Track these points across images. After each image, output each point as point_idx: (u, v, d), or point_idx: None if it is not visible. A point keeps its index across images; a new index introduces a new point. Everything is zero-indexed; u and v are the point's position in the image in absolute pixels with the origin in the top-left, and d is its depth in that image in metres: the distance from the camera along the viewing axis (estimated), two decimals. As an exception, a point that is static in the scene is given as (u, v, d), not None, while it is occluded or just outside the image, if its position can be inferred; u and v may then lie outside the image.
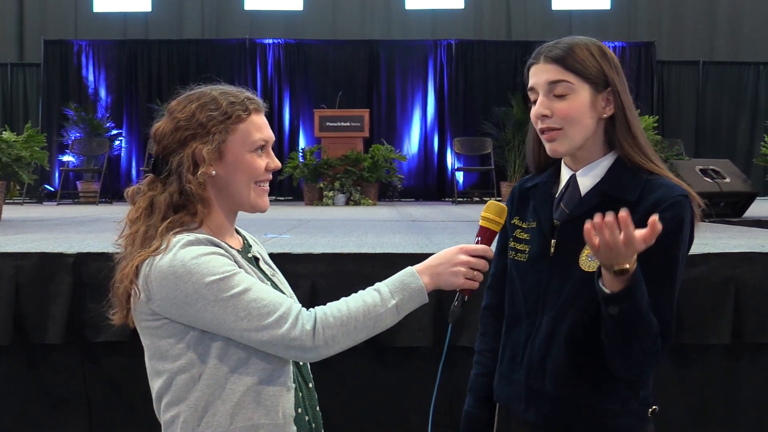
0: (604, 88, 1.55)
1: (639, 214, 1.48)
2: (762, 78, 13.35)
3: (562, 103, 1.55)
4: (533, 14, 13.26)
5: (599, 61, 1.55)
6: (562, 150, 1.58)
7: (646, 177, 1.54)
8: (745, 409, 3.18)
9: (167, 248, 1.52)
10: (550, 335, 1.55)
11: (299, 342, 1.50)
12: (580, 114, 1.54)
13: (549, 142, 1.58)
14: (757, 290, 3.08)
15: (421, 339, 2.97)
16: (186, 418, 1.54)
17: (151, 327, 1.56)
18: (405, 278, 1.57)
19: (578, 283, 1.51)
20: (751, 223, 5.94)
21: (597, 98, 1.55)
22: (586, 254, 1.52)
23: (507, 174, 12.09)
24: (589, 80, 1.54)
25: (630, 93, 1.59)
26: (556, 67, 1.55)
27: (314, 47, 12.99)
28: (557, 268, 1.56)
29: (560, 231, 1.58)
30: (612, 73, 1.55)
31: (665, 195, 1.50)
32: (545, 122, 1.56)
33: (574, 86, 1.54)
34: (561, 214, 1.59)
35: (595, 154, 1.58)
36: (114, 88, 12.88)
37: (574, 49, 1.55)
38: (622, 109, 1.55)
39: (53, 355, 3.14)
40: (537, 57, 1.58)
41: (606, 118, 1.56)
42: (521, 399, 1.61)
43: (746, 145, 13.02)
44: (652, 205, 1.49)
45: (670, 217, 1.46)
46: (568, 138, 1.56)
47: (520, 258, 1.64)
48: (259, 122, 1.63)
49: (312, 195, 10.46)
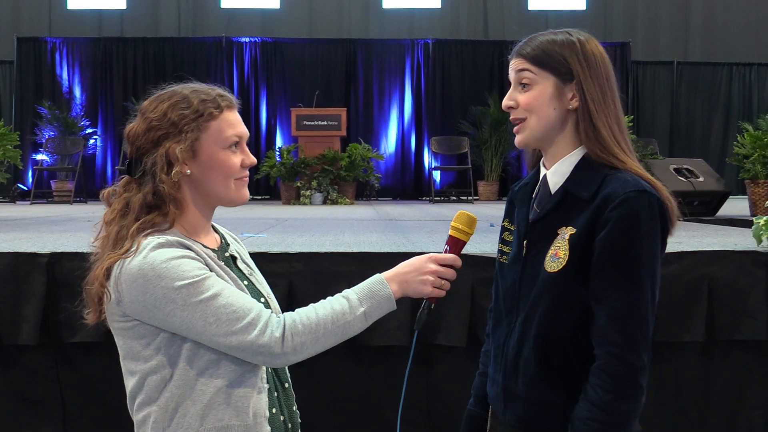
0: (570, 80, 1.54)
1: (590, 213, 1.47)
2: (735, 78, 13.52)
3: (524, 94, 1.56)
4: (510, 14, 13.33)
5: (564, 54, 1.54)
6: (523, 140, 1.58)
7: (606, 172, 1.50)
8: (718, 406, 3.22)
9: (137, 250, 1.51)
10: (522, 336, 1.55)
11: (267, 348, 1.50)
12: (540, 103, 1.54)
13: (516, 134, 1.59)
14: (730, 288, 3.12)
15: (398, 338, 2.97)
16: (157, 418, 1.54)
17: (123, 328, 1.56)
18: (373, 286, 1.58)
19: (544, 285, 1.51)
20: (724, 221, 6.01)
21: (563, 90, 1.54)
22: (549, 254, 1.51)
23: (484, 173, 12.15)
24: (553, 71, 1.54)
25: (615, 87, 1.56)
26: (522, 60, 1.57)
27: (291, 46, 12.96)
28: (528, 268, 1.56)
29: (530, 231, 1.58)
30: (578, 66, 1.53)
31: (615, 191, 1.45)
32: (513, 113, 1.58)
33: (536, 77, 1.54)
34: (533, 214, 1.60)
35: (564, 149, 1.57)
36: (89, 87, 12.77)
37: (541, 42, 1.56)
38: (585, 102, 1.53)
39: (27, 356, 3.10)
40: (512, 53, 1.61)
41: (573, 110, 1.54)
42: (500, 400, 1.62)
43: (719, 144, 13.19)
44: (601, 202, 1.46)
45: (618, 215, 1.43)
46: (530, 127, 1.56)
47: (503, 260, 1.65)
48: (232, 119, 1.62)
49: (289, 194, 10.43)
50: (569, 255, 1.48)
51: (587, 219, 1.48)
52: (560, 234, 1.51)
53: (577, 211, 1.50)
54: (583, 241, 1.47)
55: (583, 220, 1.48)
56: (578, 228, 1.48)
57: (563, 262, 1.48)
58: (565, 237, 1.49)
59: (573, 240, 1.48)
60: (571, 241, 1.48)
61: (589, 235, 1.47)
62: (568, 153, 1.56)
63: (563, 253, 1.49)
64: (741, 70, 13.53)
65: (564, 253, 1.48)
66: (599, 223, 1.46)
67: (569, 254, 1.48)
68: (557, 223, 1.53)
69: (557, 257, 1.49)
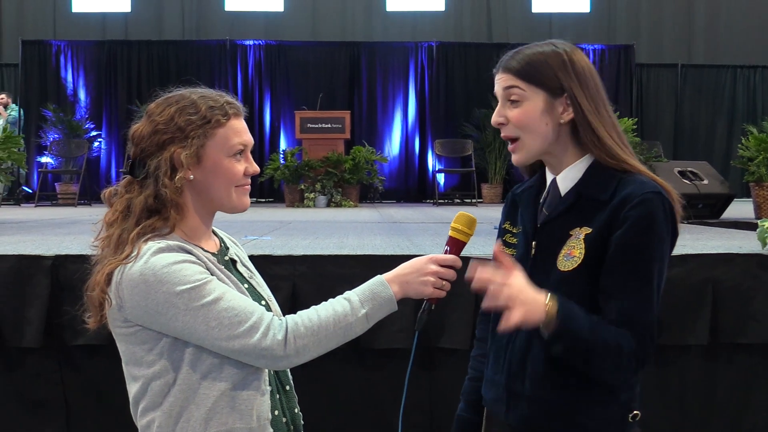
0: (560, 93, 1.54)
1: (608, 212, 1.49)
2: (739, 81, 13.50)
3: (514, 110, 1.56)
4: (514, 17, 13.33)
5: (553, 67, 1.54)
6: (522, 160, 1.60)
7: (620, 175, 1.53)
8: (722, 409, 3.21)
9: (138, 255, 1.51)
10: (530, 337, 1.56)
11: (270, 351, 1.50)
12: (532, 120, 1.55)
13: (512, 153, 1.60)
14: (735, 291, 3.11)
15: (400, 341, 2.97)
16: (161, 423, 1.54)
17: (125, 334, 1.56)
18: (375, 287, 1.58)
19: (555, 284, 1.52)
20: (729, 224, 5.99)
21: (553, 104, 1.55)
22: (563, 254, 1.53)
23: (488, 176, 12.13)
24: (542, 86, 1.54)
25: (604, 95, 1.58)
26: (510, 75, 1.56)
27: (295, 48, 12.96)
28: (537, 269, 1.57)
29: (540, 232, 1.59)
30: (568, 79, 1.54)
31: (633, 192, 1.48)
32: (503, 130, 1.59)
33: (526, 93, 1.54)
34: (542, 217, 1.61)
35: (569, 158, 1.58)
36: (93, 89, 12.77)
37: (528, 56, 1.56)
38: (582, 113, 1.53)
39: (30, 358, 3.10)
40: (497, 67, 1.61)
41: (567, 123, 1.55)
42: (502, 402, 1.62)
43: (724, 147, 13.16)
44: (620, 202, 1.49)
45: (637, 215, 1.46)
46: (526, 147, 1.57)
47: None
48: (239, 127, 1.62)
49: (293, 197, 10.43)
50: (585, 253, 1.50)
51: (605, 219, 1.50)
52: (574, 234, 1.53)
53: (592, 212, 1.52)
54: (600, 240, 1.49)
55: (601, 220, 1.50)
56: (595, 228, 1.51)
57: (578, 261, 1.50)
58: (580, 237, 1.51)
59: (589, 239, 1.50)
60: (587, 240, 1.50)
61: (605, 234, 1.49)
62: (574, 161, 1.58)
63: (578, 252, 1.51)
64: (745, 72, 13.51)
65: (579, 252, 1.50)
66: (616, 222, 1.48)
67: (585, 253, 1.50)
68: (569, 224, 1.54)
69: (572, 256, 1.51)
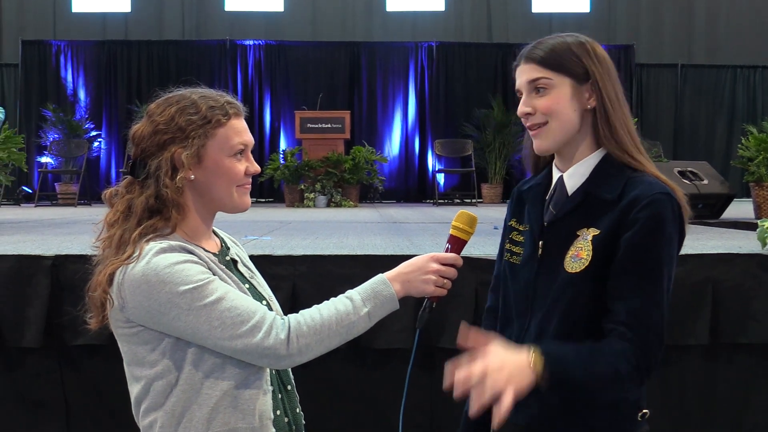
0: (586, 80, 1.54)
1: (617, 214, 1.48)
2: (739, 81, 13.50)
3: (542, 99, 1.55)
4: (514, 17, 13.32)
5: (578, 54, 1.54)
6: (545, 145, 1.57)
7: (630, 174, 1.52)
8: (722, 409, 3.21)
9: (140, 256, 1.51)
10: (539, 336, 1.55)
11: (273, 351, 1.50)
12: (561, 106, 1.54)
13: (534, 138, 1.58)
14: (735, 291, 3.11)
15: (401, 341, 2.97)
16: (163, 423, 1.54)
17: (127, 334, 1.56)
18: (376, 286, 1.59)
19: (563, 285, 1.51)
20: (729, 224, 5.99)
21: (580, 90, 1.55)
22: (570, 255, 1.52)
23: (488, 176, 12.13)
24: (569, 73, 1.54)
25: (621, 88, 1.58)
26: (535, 66, 1.56)
27: (295, 48, 12.96)
28: (544, 269, 1.56)
29: (547, 232, 1.58)
30: (593, 66, 1.54)
31: (642, 194, 1.47)
32: (530, 120, 1.57)
33: (553, 81, 1.54)
34: (549, 216, 1.59)
35: (582, 151, 1.57)
36: (93, 89, 12.77)
37: (552, 45, 1.56)
38: (602, 101, 1.54)
39: (30, 358, 3.10)
40: (519, 59, 1.60)
41: (590, 110, 1.55)
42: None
43: (724, 147, 13.16)
44: (628, 204, 1.48)
45: (646, 216, 1.45)
46: (552, 132, 1.55)
47: (514, 260, 1.64)
48: (239, 126, 1.62)
49: (293, 197, 10.43)
50: (593, 255, 1.49)
51: (613, 220, 1.49)
52: (581, 235, 1.52)
53: (599, 213, 1.51)
54: (607, 242, 1.48)
55: (609, 221, 1.49)
56: (602, 229, 1.49)
57: (586, 263, 1.49)
58: (587, 238, 1.50)
59: (597, 241, 1.49)
60: (594, 242, 1.49)
61: (613, 235, 1.48)
62: (585, 156, 1.57)
63: (586, 254, 1.49)
64: (745, 72, 13.50)
65: (587, 254, 1.49)
66: (626, 224, 1.47)
67: (592, 255, 1.49)
68: (576, 224, 1.53)
69: (579, 258, 1.50)
